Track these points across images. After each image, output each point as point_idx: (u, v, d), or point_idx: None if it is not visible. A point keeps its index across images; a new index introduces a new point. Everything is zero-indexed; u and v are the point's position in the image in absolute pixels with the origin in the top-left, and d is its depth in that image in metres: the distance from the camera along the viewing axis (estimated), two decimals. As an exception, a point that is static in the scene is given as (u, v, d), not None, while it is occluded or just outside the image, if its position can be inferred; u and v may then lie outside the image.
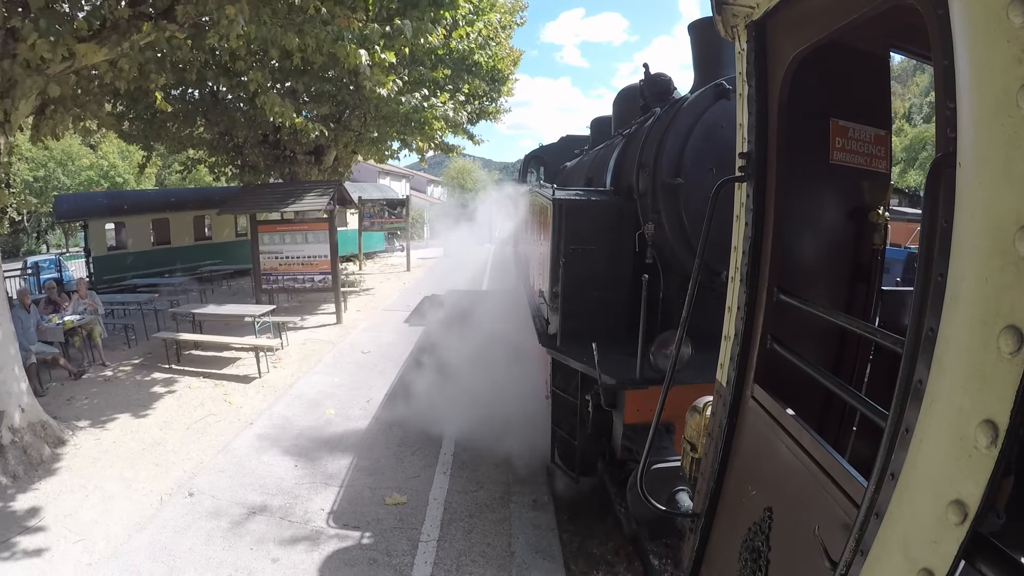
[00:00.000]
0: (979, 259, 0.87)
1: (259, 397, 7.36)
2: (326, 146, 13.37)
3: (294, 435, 6.12)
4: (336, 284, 11.57)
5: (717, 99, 3.82)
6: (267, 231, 11.78)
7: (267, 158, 13.95)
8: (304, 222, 11.89)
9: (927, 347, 0.99)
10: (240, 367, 8.63)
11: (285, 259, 11.65)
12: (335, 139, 12.54)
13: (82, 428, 6.38)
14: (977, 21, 0.85)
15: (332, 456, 5.59)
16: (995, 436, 0.82)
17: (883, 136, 2.13)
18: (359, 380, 7.95)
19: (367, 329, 11.08)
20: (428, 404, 6.41)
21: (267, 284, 11.78)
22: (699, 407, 2.25)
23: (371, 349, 9.52)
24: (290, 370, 8.51)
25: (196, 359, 9.10)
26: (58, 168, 27.93)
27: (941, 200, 0.96)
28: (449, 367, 7.00)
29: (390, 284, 16.87)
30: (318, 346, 9.82)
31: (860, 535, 1.15)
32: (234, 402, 7.19)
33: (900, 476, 1.05)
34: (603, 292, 4.20)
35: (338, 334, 10.66)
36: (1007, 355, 0.80)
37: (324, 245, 11.39)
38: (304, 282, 11.69)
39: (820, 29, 1.48)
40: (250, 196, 12.33)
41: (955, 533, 0.89)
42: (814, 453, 1.45)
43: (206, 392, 7.58)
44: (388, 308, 13.25)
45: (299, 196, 11.58)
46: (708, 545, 2.09)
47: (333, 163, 14.69)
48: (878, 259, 2.24)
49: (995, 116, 0.82)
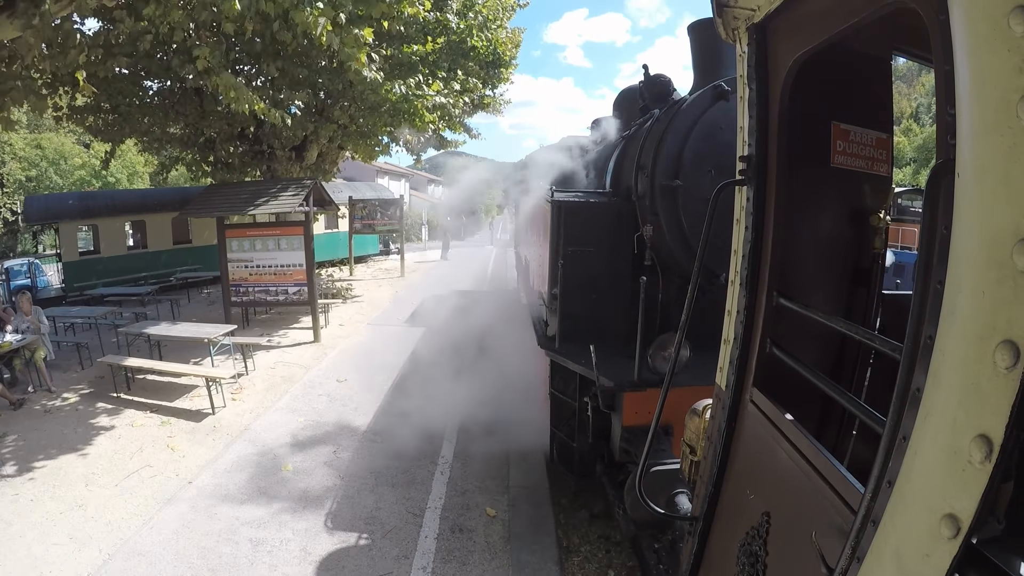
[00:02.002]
0: (976, 271, 0.86)
1: (208, 442, 6.12)
2: (309, 140, 12.01)
3: (238, 501, 4.89)
4: (313, 297, 10.12)
5: (716, 100, 3.81)
6: (235, 236, 10.22)
7: (244, 155, 12.56)
8: (276, 226, 10.47)
9: (925, 355, 0.98)
10: (195, 399, 7.40)
11: (256, 268, 10.19)
12: (315, 132, 11.16)
13: (3, 478, 5.37)
14: (978, 29, 0.84)
15: (280, 537, 4.35)
16: (989, 451, 0.81)
17: (885, 140, 2.12)
18: (328, 420, 6.64)
19: (348, 349, 9.82)
20: (411, 458, 5.54)
21: (237, 297, 10.36)
22: (698, 410, 2.25)
23: (348, 376, 8.23)
24: (250, 404, 7.26)
25: (150, 386, 7.87)
26: (50, 168, 27.33)
27: (940, 207, 0.95)
28: (438, 401, 6.32)
29: (381, 291, 15.62)
30: (289, 371, 8.54)
31: (856, 542, 1.14)
32: (178, 448, 5.98)
33: (896, 485, 1.04)
34: (602, 294, 4.20)
35: (314, 355, 9.41)
36: (1003, 370, 0.79)
37: (299, 252, 9.96)
38: (277, 294, 10.26)
39: (821, 32, 1.48)
40: (215, 196, 10.80)
41: (947, 547, 0.88)
42: (812, 458, 1.45)
43: (149, 433, 6.37)
44: (376, 321, 12.00)
45: (269, 195, 10.00)
46: (706, 548, 2.09)
47: (317, 160, 13.29)
48: (879, 263, 2.23)
49: (994, 127, 0.81)
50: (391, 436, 6.04)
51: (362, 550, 4.21)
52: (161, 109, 10.50)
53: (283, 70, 9.11)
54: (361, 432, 6.29)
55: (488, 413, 5.87)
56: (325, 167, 13.91)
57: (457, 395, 6.33)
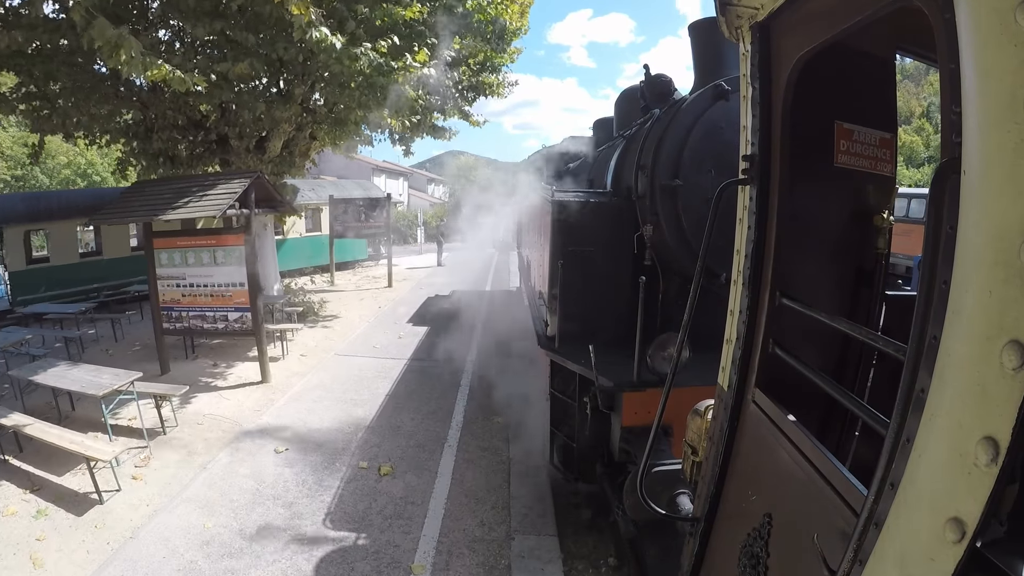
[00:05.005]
0: (983, 270, 0.84)
1: (81, 552, 4.16)
2: (268, 126, 9.77)
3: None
4: (258, 325, 7.82)
5: (716, 100, 3.80)
6: (164, 247, 8.09)
7: (193, 147, 10.40)
8: (211, 234, 8.13)
9: (930, 355, 0.97)
10: (86, 474, 4.92)
11: (189, 288, 8.04)
12: (269, 114, 8.92)
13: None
14: (984, 24, 0.83)
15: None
16: (996, 454, 0.80)
17: (888, 139, 2.11)
18: (249, 529, 4.39)
19: (301, 395, 7.40)
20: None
21: (169, 323, 8.22)
22: (700, 410, 2.24)
23: (290, 445, 5.79)
24: (154, 486, 5.07)
25: (46, 449, 5.25)
26: (35, 167, 26.29)
27: (946, 205, 0.94)
28: (417, 500, 4.60)
29: (363, 306, 13.34)
30: (216, 430, 6.24)
31: (859, 544, 1.13)
32: (41, 561, 4.04)
33: (899, 488, 1.03)
34: (601, 294, 4.19)
35: (257, 404, 7.05)
36: (1010, 371, 0.78)
37: (239, 268, 7.71)
38: (215, 321, 8.03)
39: (825, 31, 1.47)
40: (135, 197, 8.62)
41: (952, 551, 0.87)
42: (814, 460, 1.44)
43: (15, 530, 4.41)
44: (346, 350, 9.55)
45: (196, 195, 7.70)
46: (708, 549, 2.08)
47: (283, 152, 10.93)
48: (882, 263, 2.23)
49: (1002, 123, 0.80)
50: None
51: None
52: (81, 91, 8.55)
53: (223, 33, 7.38)
54: (299, 557, 4.02)
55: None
56: (294, 161, 11.52)
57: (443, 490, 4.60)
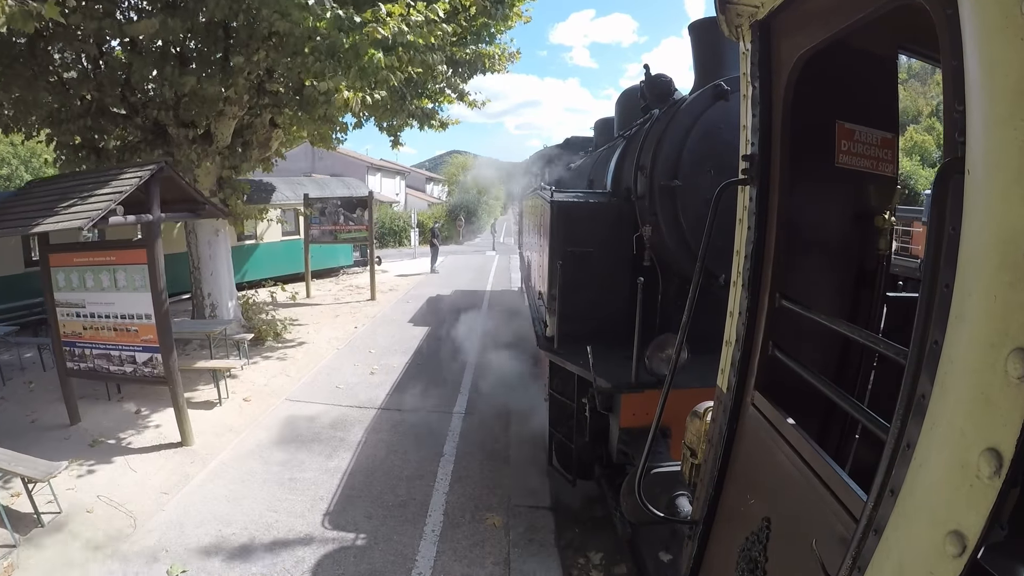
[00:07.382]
0: (988, 273, 0.82)
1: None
2: (208, 111, 7.73)
3: None
4: (170, 372, 5.77)
5: (715, 100, 3.79)
6: (61, 264, 6.05)
7: (122, 136, 8.58)
8: (109, 248, 6.11)
9: (931, 360, 0.95)
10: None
11: (90, 319, 6.00)
12: (201, 89, 7.04)
13: None
14: (988, 18, 0.81)
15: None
16: (999, 466, 0.77)
17: (890, 139, 2.09)
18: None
19: (226, 468, 5.27)
20: None
21: (73, 361, 6.17)
22: (699, 412, 2.22)
23: (194, 565, 3.83)
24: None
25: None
26: (21, 165, 25.63)
27: (949, 206, 0.92)
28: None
29: (336, 326, 10.97)
30: (103, 529, 4.25)
31: (858, 551, 1.11)
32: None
33: (899, 496, 1.01)
34: (601, 294, 4.18)
35: (162, 485, 4.97)
36: (1015, 380, 0.75)
37: (143, 294, 5.67)
38: (122, 363, 5.95)
39: (826, 29, 1.45)
40: (23, 200, 6.41)
41: (952, 566, 0.84)
42: (813, 464, 1.42)
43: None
44: (300, 395, 7.24)
45: (83, 196, 5.58)
46: (706, 552, 2.06)
47: (235, 143, 8.99)
48: (883, 264, 2.21)
49: (1007, 120, 0.77)
50: None
51: None
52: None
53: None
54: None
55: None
56: (249, 154, 9.44)
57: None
